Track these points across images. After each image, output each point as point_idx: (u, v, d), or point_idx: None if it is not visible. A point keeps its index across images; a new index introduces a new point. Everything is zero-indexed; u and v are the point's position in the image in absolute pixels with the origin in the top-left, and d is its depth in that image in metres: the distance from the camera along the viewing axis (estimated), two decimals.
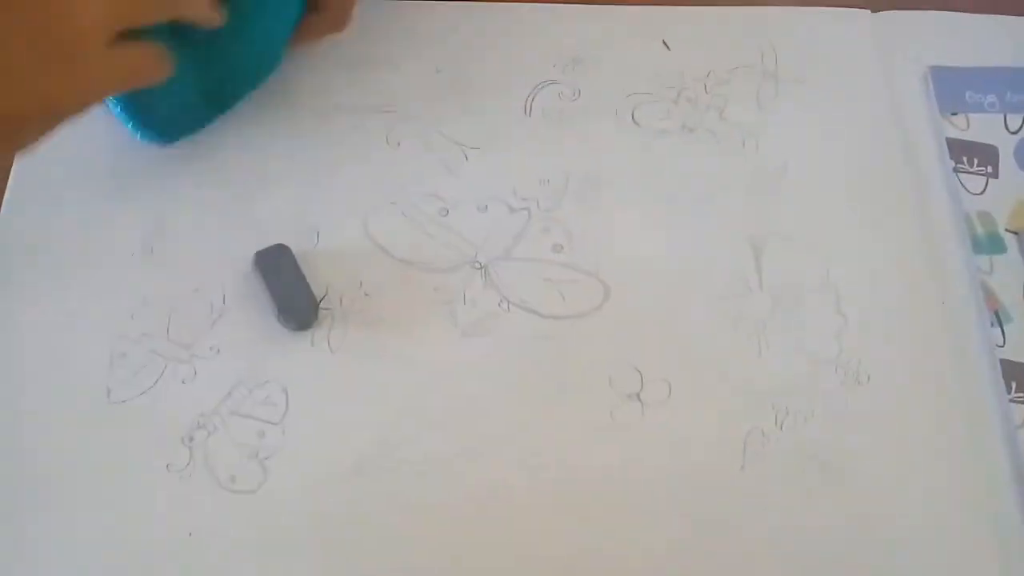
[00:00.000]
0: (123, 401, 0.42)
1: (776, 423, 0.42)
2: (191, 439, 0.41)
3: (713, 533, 0.40)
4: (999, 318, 0.46)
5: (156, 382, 0.42)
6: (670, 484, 0.41)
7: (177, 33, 0.40)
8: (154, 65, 0.40)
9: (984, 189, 0.49)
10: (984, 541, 0.41)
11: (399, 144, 0.49)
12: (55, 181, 0.47)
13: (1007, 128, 0.51)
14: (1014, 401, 0.44)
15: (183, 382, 0.42)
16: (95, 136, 0.48)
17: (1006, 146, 0.50)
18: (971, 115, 0.51)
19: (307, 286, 0.44)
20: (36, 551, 0.39)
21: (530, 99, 0.51)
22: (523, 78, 0.51)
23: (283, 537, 0.40)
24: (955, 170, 0.49)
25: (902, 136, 0.50)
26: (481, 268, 0.46)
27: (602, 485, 0.41)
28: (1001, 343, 0.45)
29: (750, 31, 0.53)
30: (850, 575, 0.40)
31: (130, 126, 0.45)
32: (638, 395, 0.43)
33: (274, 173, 0.48)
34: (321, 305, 0.44)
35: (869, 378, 0.44)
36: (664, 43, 0.53)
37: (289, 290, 0.44)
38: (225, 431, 0.42)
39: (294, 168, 0.48)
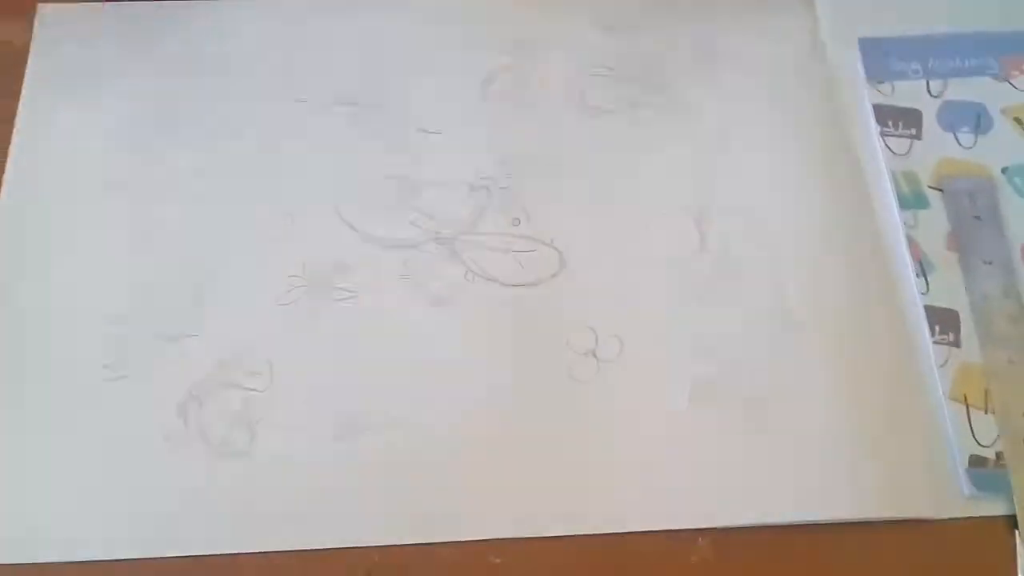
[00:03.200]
0: (118, 378, 0.46)
1: (719, 370, 0.46)
2: (185, 410, 0.45)
3: (661, 478, 0.44)
4: (923, 267, 0.50)
5: (149, 359, 0.46)
6: (622, 432, 0.45)
7: None
8: None
9: (908, 150, 0.53)
10: (911, 469, 0.45)
11: (366, 130, 0.53)
12: (50, 167, 0.51)
13: (930, 93, 0.55)
14: (936, 343, 0.48)
15: (174, 358, 0.46)
16: (87, 124, 0.52)
17: (929, 109, 0.54)
18: (896, 82, 0.55)
19: None
20: (40, 520, 0.43)
21: (486, 82, 0.54)
22: (478, 62, 0.55)
23: (273, 497, 0.43)
24: (881, 134, 0.53)
25: (834, 104, 0.54)
26: (446, 243, 0.50)
27: (561, 435, 0.45)
28: (925, 290, 0.49)
29: (690, 7, 0.57)
30: (786, 509, 0.44)
31: None
32: (593, 352, 0.47)
33: (247, 161, 0.51)
34: (297, 283, 0.48)
35: (804, 326, 0.48)
36: (607, 24, 0.56)
37: None
38: (215, 401, 0.45)
39: (266, 155, 0.51)
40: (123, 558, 0.42)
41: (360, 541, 0.43)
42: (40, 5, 0.56)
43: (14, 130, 0.52)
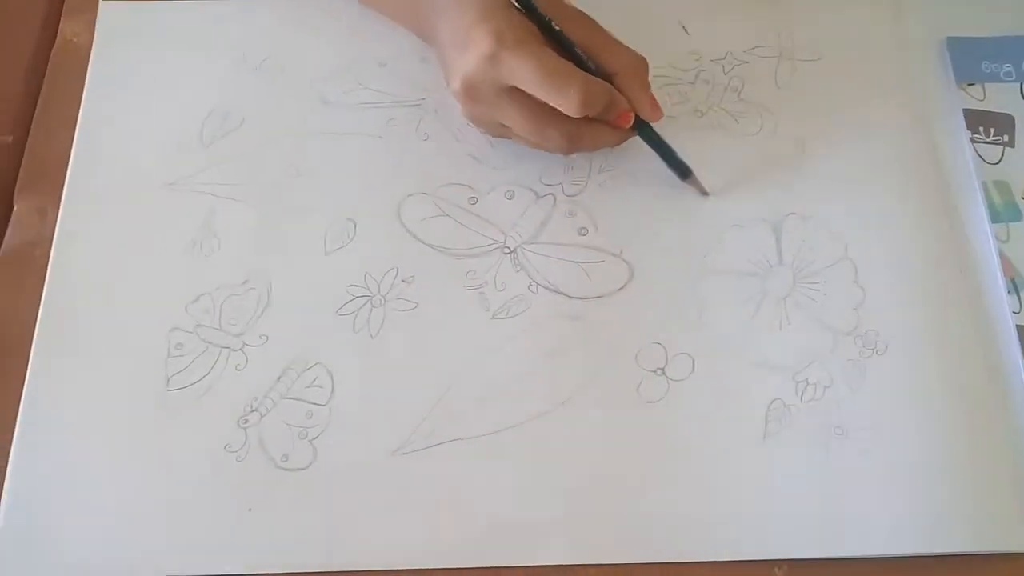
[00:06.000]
0: (181, 388, 0.45)
1: (797, 394, 0.44)
2: (246, 421, 0.44)
3: (736, 505, 0.42)
4: (1015, 285, 0.47)
5: (211, 370, 0.45)
6: (694, 456, 0.43)
7: None
8: None
9: (1001, 159, 0.50)
10: (1007, 505, 0.42)
11: (428, 136, 0.51)
12: (112, 168, 0.50)
13: (1023, 96, 0.52)
14: None
15: (236, 369, 0.45)
16: (148, 125, 0.51)
17: (1023, 115, 0.51)
18: (987, 85, 0.52)
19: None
20: (104, 532, 0.42)
21: None
22: None
23: (332, 512, 0.43)
24: (972, 140, 0.50)
25: (919, 109, 0.51)
26: (510, 253, 0.48)
27: (629, 458, 0.43)
28: (1017, 309, 0.46)
29: (766, 10, 0.54)
30: (870, 541, 0.42)
31: None
32: (663, 370, 0.45)
33: (310, 167, 0.50)
34: (359, 292, 0.47)
35: (887, 347, 0.45)
36: (682, 27, 0.54)
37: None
38: (277, 413, 0.45)
39: (328, 162, 0.50)
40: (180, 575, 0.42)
41: (421, 563, 0.42)
42: (102, 4, 0.55)
43: (76, 129, 0.52)
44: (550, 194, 0.50)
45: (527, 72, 0.43)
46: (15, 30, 0.55)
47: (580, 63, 0.45)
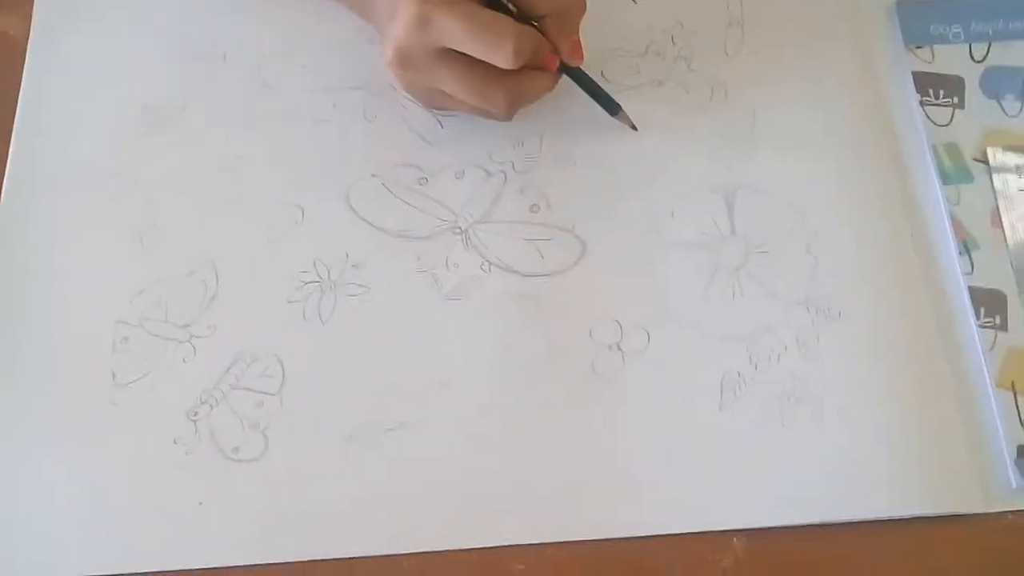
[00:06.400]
0: (128, 383, 0.44)
1: (752, 364, 0.44)
2: (195, 414, 0.44)
3: (693, 477, 0.42)
4: (966, 246, 0.47)
5: (158, 363, 0.45)
6: (651, 430, 0.43)
7: None
8: None
9: (951, 120, 0.50)
10: (960, 468, 0.42)
11: (375, 117, 0.50)
12: (49, 172, 0.49)
13: (972, 58, 0.51)
14: (982, 327, 0.45)
15: (184, 361, 0.45)
16: (89, 117, 0.50)
17: (971, 76, 0.51)
18: (936, 47, 0.52)
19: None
20: (50, 527, 0.42)
21: None
22: None
23: (286, 502, 0.42)
24: (921, 103, 0.50)
25: (869, 73, 0.51)
26: (461, 233, 0.48)
27: (586, 435, 0.43)
28: (969, 271, 0.46)
29: None
30: (826, 508, 0.42)
31: None
32: (618, 345, 0.45)
33: (254, 154, 0.49)
34: (309, 279, 0.46)
35: (840, 315, 0.45)
36: None
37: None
38: (227, 404, 0.44)
39: (273, 148, 0.49)
40: (133, 572, 0.41)
41: (379, 550, 0.41)
42: None
43: (14, 124, 0.50)
44: (501, 172, 0.49)
45: (457, 30, 0.42)
46: None
47: (506, 10, 0.44)
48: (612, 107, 0.49)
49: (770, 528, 0.41)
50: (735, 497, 0.42)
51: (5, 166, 0.49)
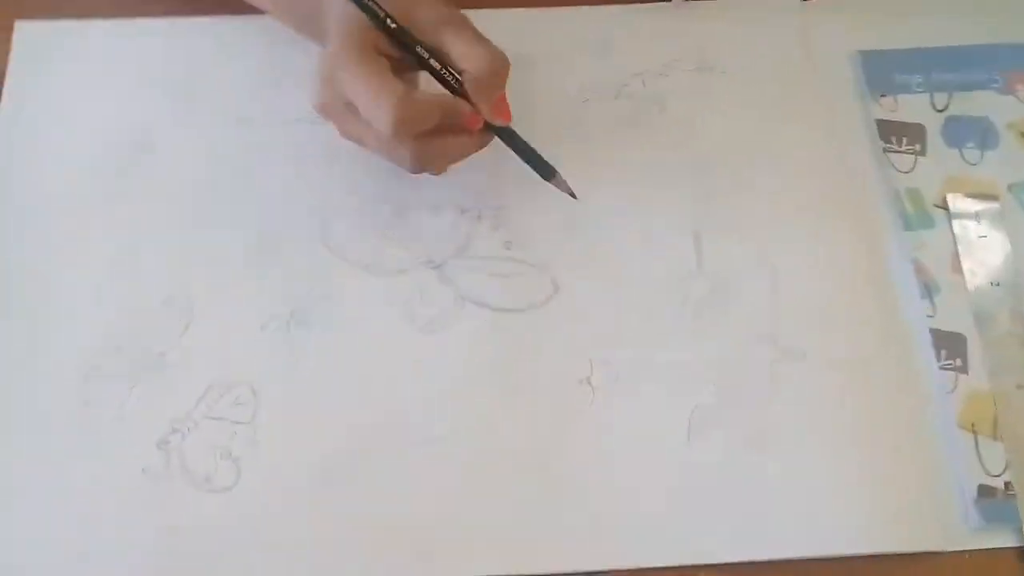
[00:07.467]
0: (100, 411, 0.44)
1: (717, 400, 0.45)
2: (166, 443, 0.44)
3: (660, 511, 0.43)
4: (928, 290, 0.48)
5: (131, 391, 0.45)
6: (618, 465, 0.44)
7: None
8: None
9: (913, 167, 0.52)
10: (920, 508, 0.43)
11: (350, 151, 0.51)
12: (24, 203, 0.49)
13: (934, 107, 0.53)
14: (943, 368, 0.46)
15: (157, 389, 0.45)
16: (66, 146, 0.50)
17: (933, 124, 0.53)
18: (899, 96, 0.53)
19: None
20: (18, 555, 0.41)
21: None
22: None
23: (258, 532, 0.42)
24: (885, 150, 0.52)
25: (833, 120, 0.53)
26: (436, 268, 0.48)
27: (556, 468, 0.44)
28: (931, 313, 0.48)
29: (683, 26, 0.55)
30: (789, 544, 0.42)
31: None
32: (588, 380, 0.46)
33: (229, 187, 0.50)
34: (282, 310, 0.47)
35: (805, 354, 0.46)
36: (602, 42, 0.55)
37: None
38: (199, 433, 0.44)
39: (249, 181, 0.50)
40: None
41: None
42: (18, 24, 0.54)
43: None
44: (476, 207, 0.50)
45: (351, 89, 0.43)
46: None
47: (423, 64, 0.45)
48: (546, 172, 0.48)
49: (735, 563, 0.42)
50: (700, 531, 0.42)
51: None
